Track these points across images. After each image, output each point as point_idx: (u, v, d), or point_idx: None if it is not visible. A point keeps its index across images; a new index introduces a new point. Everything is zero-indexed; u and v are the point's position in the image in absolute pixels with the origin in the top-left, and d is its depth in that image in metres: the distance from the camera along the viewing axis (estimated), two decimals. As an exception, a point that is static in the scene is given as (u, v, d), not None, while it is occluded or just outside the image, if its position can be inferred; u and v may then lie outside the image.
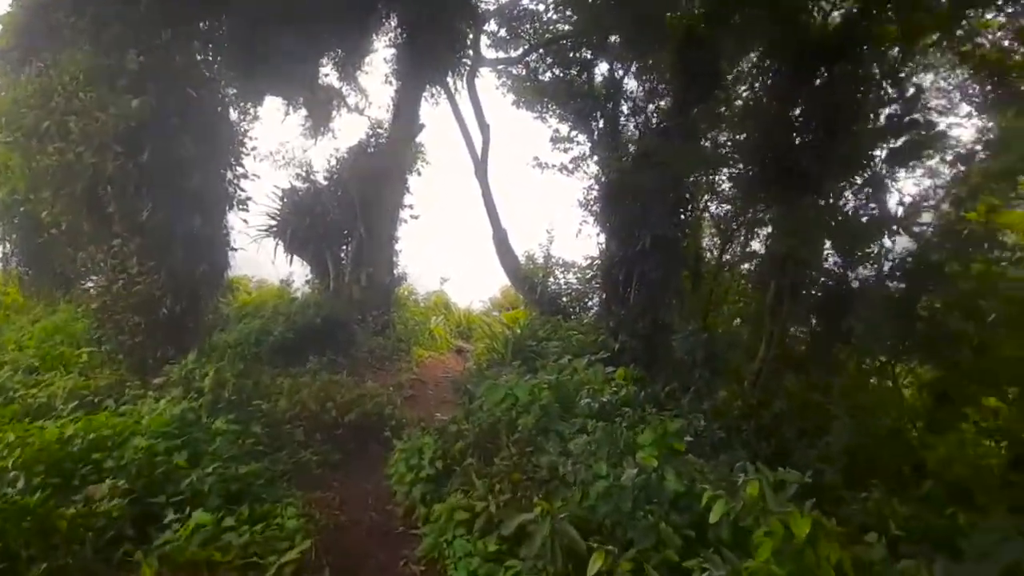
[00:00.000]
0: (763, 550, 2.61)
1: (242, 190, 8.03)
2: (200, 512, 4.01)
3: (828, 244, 8.06)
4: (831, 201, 7.54)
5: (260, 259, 13.85)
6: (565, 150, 13.17)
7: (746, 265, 11.76)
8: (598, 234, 11.97)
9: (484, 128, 13.81)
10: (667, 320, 11.14)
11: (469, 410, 7.66)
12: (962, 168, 9.12)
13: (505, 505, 4.39)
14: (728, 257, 12.56)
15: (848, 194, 7.79)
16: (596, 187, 11.36)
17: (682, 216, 10.56)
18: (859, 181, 7.73)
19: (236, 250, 8.29)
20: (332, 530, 4.93)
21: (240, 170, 8.03)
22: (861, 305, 7.97)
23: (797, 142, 7.69)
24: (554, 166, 13.12)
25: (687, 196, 10.63)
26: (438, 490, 5.42)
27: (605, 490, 4.22)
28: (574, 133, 13.38)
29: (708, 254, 12.04)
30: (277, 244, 12.68)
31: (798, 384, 8.19)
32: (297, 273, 14.66)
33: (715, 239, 12.11)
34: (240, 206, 8.03)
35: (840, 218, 7.67)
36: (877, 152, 7.62)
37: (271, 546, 4.08)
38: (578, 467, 5.15)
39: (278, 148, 14.26)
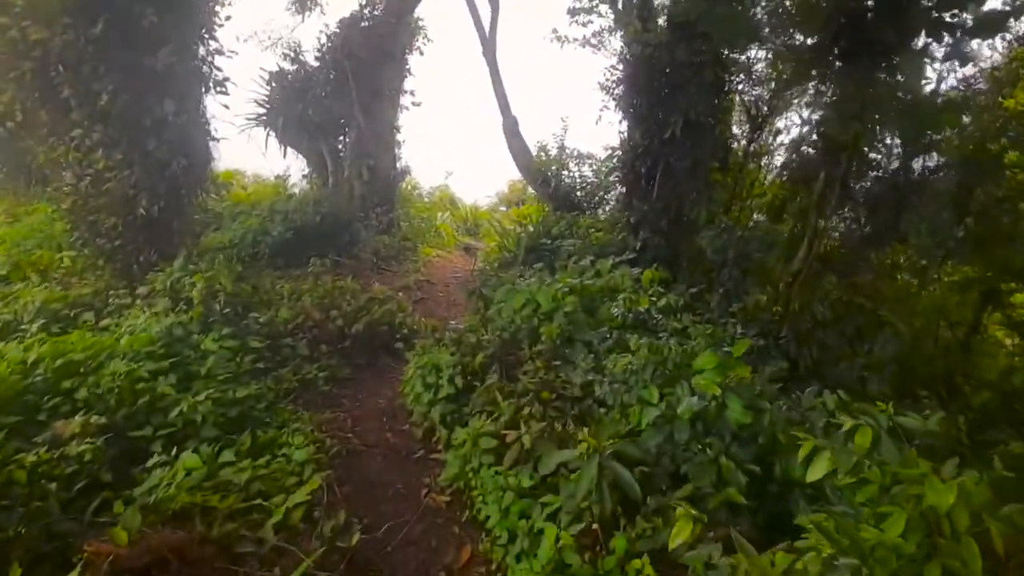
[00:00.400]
0: (894, 523, 2.05)
1: (218, 69, 6.90)
2: (188, 455, 3.46)
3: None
4: (906, 78, 6.42)
5: (252, 152, 12.79)
6: (585, 23, 11.60)
7: (783, 154, 10.69)
8: (620, 121, 10.78)
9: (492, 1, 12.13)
10: (692, 215, 10.31)
11: (486, 317, 7.07)
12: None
13: (540, 435, 3.86)
14: (758, 145, 11.44)
15: (929, 68, 6.64)
16: (620, 66, 10.02)
17: (717, 99, 9.35)
18: (940, 54, 6.57)
19: (218, 140, 7.29)
20: (345, 457, 4.47)
21: (214, 44, 6.84)
22: (918, 199, 7.10)
23: (871, 2, 6.43)
24: (575, 40, 11.57)
25: (726, 75, 9.34)
26: (459, 410, 4.92)
27: (656, 419, 3.66)
28: (595, 2, 11.72)
29: (737, 143, 10.89)
30: (268, 135, 11.57)
31: (840, 287, 7.52)
32: (293, 167, 13.68)
33: (744, 125, 10.90)
34: (218, 88, 6.93)
35: (912, 98, 6.60)
36: (965, 16, 6.38)
37: (277, 483, 3.59)
38: (616, 387, 4.60)
39: (263, 27, 12.62)
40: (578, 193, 13.38)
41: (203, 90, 7.01)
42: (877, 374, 6.29)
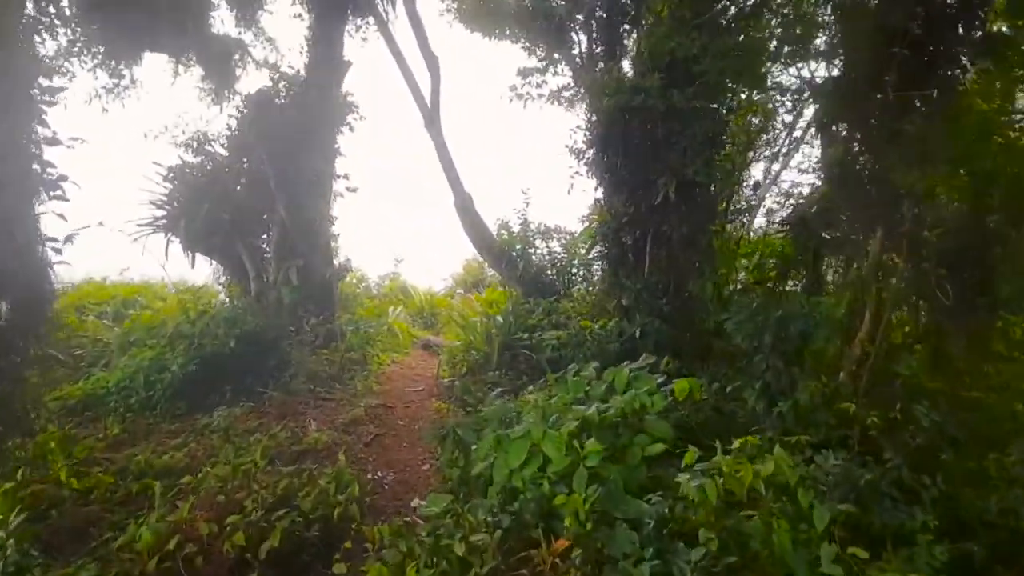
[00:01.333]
0: None
1: (51, 169, 4.76)
2: None
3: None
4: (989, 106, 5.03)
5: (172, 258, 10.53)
6: (539, 84, 10.20)
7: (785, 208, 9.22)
8: (596, 188, 9.18)
9: (432, 63, 10.59)
10: (696, 290, 8.61)
11: (467, 481, 4.92)
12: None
13: None
14: (753, 201, 10.01)
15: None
16: (589, 126, 8.50)
17: (716, 152, 7.83)
18: None
19: (58, 262, 5.06)
20: None
21: (43, 132, 4.76)
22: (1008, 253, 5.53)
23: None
24: (538, 95, 10.01)
25: (727, 121, 7.87)
26: None
27: None
28: (546, 63, 10.38)
29: (741, 200, 9.42)
30: (169, 240, 9.39)
31: (927, 372, 5.77)
32: (207, 274, 11.41)
33: (748, 180, 9.43)
34: (51, 193, 4.78)
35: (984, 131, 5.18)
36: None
37: None
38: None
39: (176, 123, 10.59)
40: (549, 273, 11.60)
41: (35, 199, 4.87)
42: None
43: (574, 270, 11.75)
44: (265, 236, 10.09)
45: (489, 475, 4.69)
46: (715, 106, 7.38)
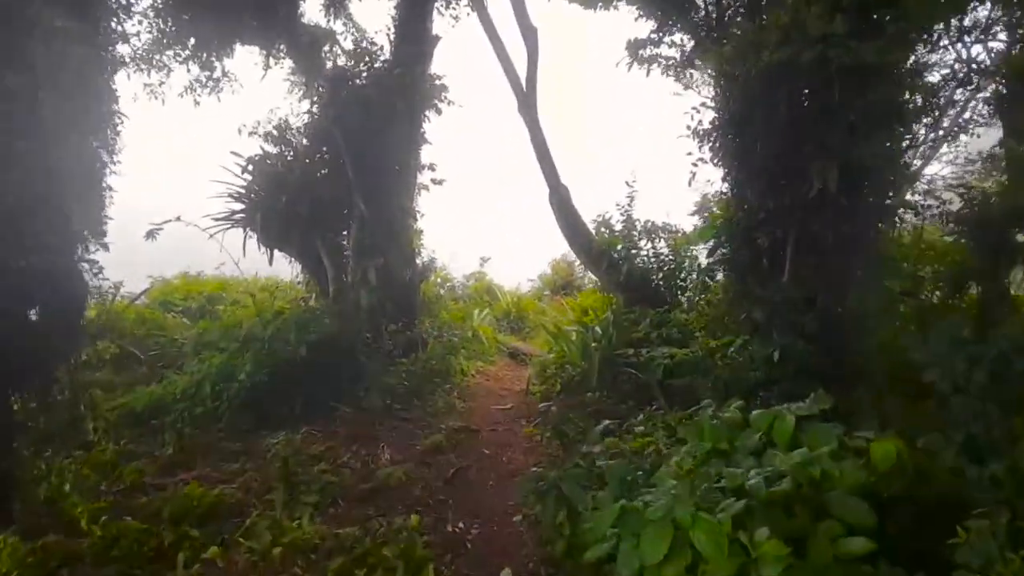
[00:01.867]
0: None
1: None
2: None
3: None
4: None
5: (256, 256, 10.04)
6: (650, 58, 8.72)
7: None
8: (723, 178, 7.62)
9: (529, 35, 9.36)
10: (856, 306, 6.89)
11: (578, 564, 3.67)
12: None
13: None
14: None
15: None
16: (723, 98, 6.98)
17: (900, 124, 6.07)
18: None
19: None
20: None
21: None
22: None
23: None
24: (661, 61, 8.47)
25: (912, 83, 6.08)
26: None
27: None
28: (660, 33, 8.88)
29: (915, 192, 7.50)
30: (247, 236, 8.78)
31: None
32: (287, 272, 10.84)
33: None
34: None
35: None
36: None
37: None
38: None
39: (268, 117, 9.95)
40: (656, 279, 10.09)
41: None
42: None
43: (686, 275, 10.17)
44: (346, 232, 9.30)
45: (609, 561, 3.42)
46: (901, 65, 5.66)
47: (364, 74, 8.17)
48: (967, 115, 7.55)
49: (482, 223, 23.56)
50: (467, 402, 8.33)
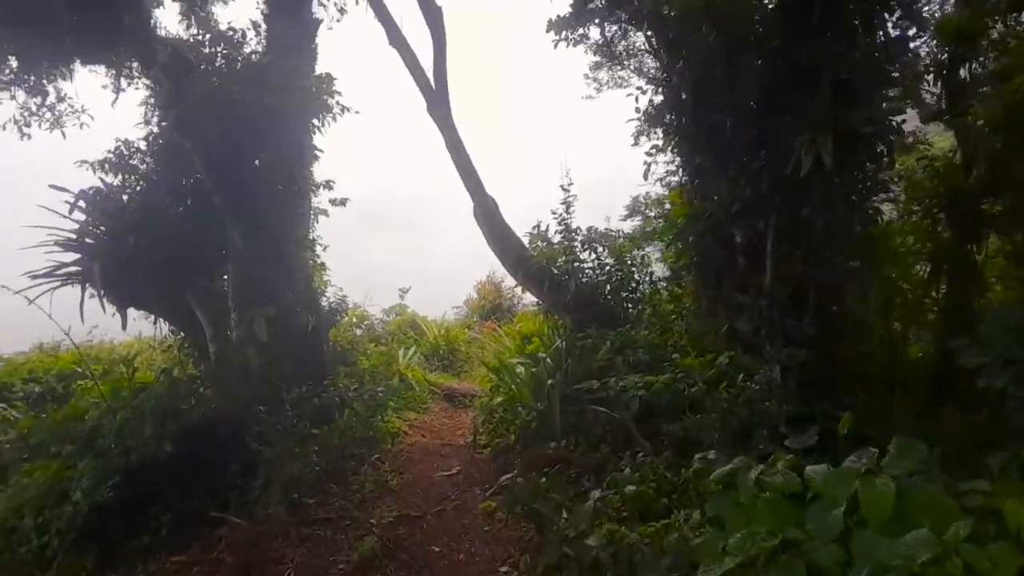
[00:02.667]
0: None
1: None
2: None
3: None
4: None
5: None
6: (578, 40, 7.46)
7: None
8: (678, 169, 6.45)
9: (432, 16, 7.84)
10: (853, 302, 5.87)
11: None
12: None
13: None
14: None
15: None
16: (675, 71, 5.76)
17: (894, 84, 5.09)
18: None
19: None
20: None
21: None
22: None
23: None
24: (587, 40, 7.14)
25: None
26: None
27: None
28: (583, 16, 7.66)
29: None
30: (85, 293, 6.62)
31: None
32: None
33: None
34: None
35: None
36: None
37: None
38: None
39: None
40: (604, 292, 8.81)
41: None
42: None
43: (636, 286, 8.96)
44: (226, 276, 7.34)
45: None
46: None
47: (220, 64, 6.31)
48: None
49: (398, 246, 21.65)
50: (403, 473, 6.59)
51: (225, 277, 7.31)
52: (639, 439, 5.86)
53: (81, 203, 6.50)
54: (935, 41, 6.24)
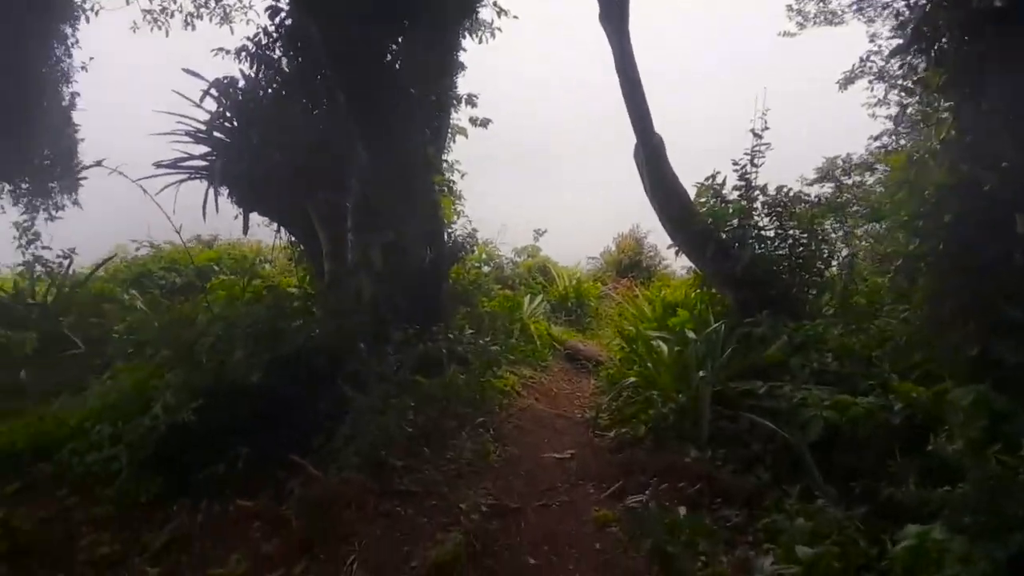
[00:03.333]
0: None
1: None
2: None
3: None
4: None
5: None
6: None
7: None
8: (953, 113, 4.50)
9: None
10: None
11: None
12: None
13: None
14: None
15: None
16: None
17: None
18: None
19: None
20: None
21: None
22: None
23: None
24: None
25: None
26: None
27: None
28: None
29: None
30: (208, 193, 6.24)
31: None
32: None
33: None
34: None
35: None
36: None
37: None
38: None
39: None
40: (782, 270, 7.04)
41: None
42: None
43: (825, 267, 7.08)
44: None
45: None
46: None
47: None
48: None
49: (538, 186, 20.34)
50: (507, 446, 5.66)
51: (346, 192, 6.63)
52: (815, 475, 4.39)
53: (213, 92, 6.00)
54: None
